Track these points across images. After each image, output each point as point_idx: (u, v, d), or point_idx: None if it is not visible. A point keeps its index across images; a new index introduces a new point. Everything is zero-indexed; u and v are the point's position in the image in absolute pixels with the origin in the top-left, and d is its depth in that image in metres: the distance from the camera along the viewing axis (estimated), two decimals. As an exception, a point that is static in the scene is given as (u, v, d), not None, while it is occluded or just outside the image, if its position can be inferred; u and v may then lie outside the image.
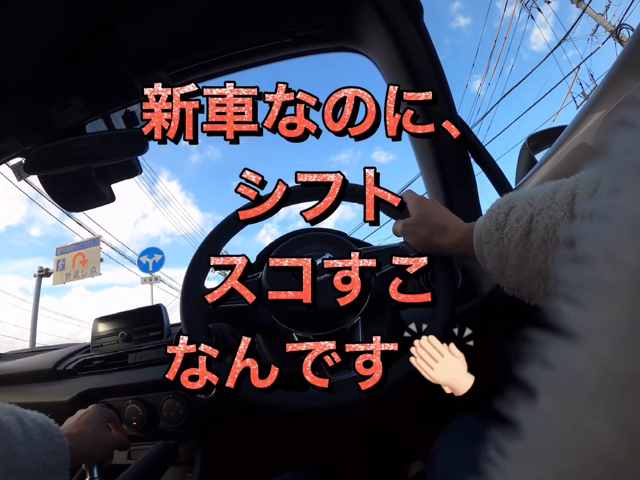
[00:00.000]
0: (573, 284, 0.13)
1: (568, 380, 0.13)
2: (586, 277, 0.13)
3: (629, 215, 0.13)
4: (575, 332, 0.13)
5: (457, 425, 0.64)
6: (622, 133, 0.14)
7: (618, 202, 0.14)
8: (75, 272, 8.05)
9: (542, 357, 0.14)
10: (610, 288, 0.13)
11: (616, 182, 0.14)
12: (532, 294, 0.44)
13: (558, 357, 0.13)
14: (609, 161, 0.15)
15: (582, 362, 0.13)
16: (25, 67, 0.65)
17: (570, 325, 0.13)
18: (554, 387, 0.13)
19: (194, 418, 0.84)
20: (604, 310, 0.13)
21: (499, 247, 0.45)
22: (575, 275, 0.14)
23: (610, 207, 0.14)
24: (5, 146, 0.76)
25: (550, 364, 0.13)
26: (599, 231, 0.13)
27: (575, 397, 0.13)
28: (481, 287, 0.80)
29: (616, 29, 8.23)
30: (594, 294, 0.13)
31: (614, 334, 0.12)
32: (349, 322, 0.61)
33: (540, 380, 0.14)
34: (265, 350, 0.71)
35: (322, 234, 0.70)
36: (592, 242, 0.14)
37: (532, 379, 0.14)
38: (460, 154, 0.85)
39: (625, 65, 0.48)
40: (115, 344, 0.96)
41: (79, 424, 0.61)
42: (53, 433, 0.52)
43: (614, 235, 0.13)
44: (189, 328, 0.59)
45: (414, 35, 0.73)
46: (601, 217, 0.14)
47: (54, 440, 0.51)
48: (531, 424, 0.14)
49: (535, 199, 0.44)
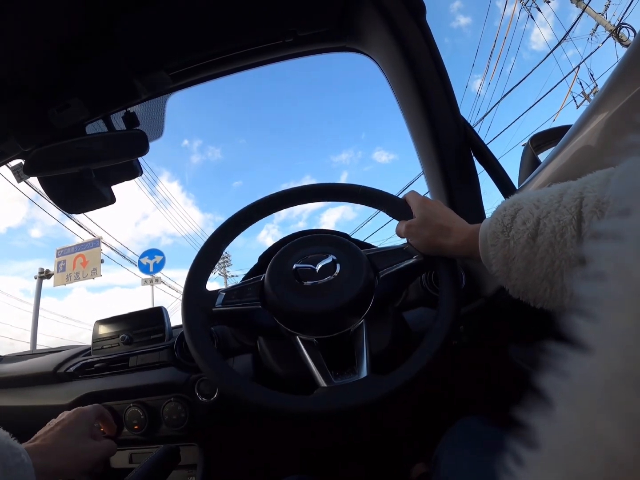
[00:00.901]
0: (587, 299, 0.14)
1: (581, 388, 0.14)
2: (599, 292, 0.14)
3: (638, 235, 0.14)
4: (589, 344, 0.14)
5: (461, 427, 0.63)
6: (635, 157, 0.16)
7: (629, 223, 0.14)
8: (76, 273, 8.06)
9: (557, 368, 0.14)
10: (621, 301, 0.13)
11: (627, 203, 0.15)
12: (538, 298, 0.44)
13: (573, 367, 0.14)
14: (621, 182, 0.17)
15: (595, 369, 0.13)
16: (24, 68, 0.65)
17: (585, 337, 0.14)
18: (568, 396, 0.14)
19: (196, 421, 0.84)
20: (616, 321, 0.13)
21: (505, 249, 0.45)
22: (589, 291, 0.14)
23: (621, 227, 0.15)
24: (5, 148, 0.76)
25: (566, 374, 0.14)
26: (611, 249, 0.14)
27: (588, 403, 0.13)
28: (485, 289, 0.80)
29: (616, 29, 8.24)
30: (606, 308, 0.14)
31: (625, 342, 0.13)
32: (353, 325, 0.60)
33: (556, 389, 0.14)
34: (268, 353, 0.70)
35: (324, 236, 0.69)
36: (604, 259, 0.15)
37: (547, 389, 0.14)
38: (463, 154, 0.84)
39: (631, 65, 0.48)
40: (116, 346, 0.95)
41: (54, 435, 0.54)
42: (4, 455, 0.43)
43: (624, 253, 0.14)
44: (190, 331, 0.58)
45: (416, 35, 0.72)
46: (613, 236, 0.15)
47: (6, 464, 0.43)
48: (547, 432, 0.14)
49: (542, 202, 0.43)
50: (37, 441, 0.53)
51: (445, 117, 0.80)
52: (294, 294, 0.61)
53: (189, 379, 0.84)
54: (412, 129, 0.88)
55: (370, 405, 0.50)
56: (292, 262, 0.64)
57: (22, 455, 0.45)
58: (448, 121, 0.81)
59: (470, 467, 0.52)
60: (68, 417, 0.59)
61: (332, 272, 0.62)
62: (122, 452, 0.90)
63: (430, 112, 0.79)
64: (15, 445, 0.45)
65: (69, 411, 0.61)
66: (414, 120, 0.85)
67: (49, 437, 0.54)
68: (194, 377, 0.84)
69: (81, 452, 0.55)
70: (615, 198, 0.33)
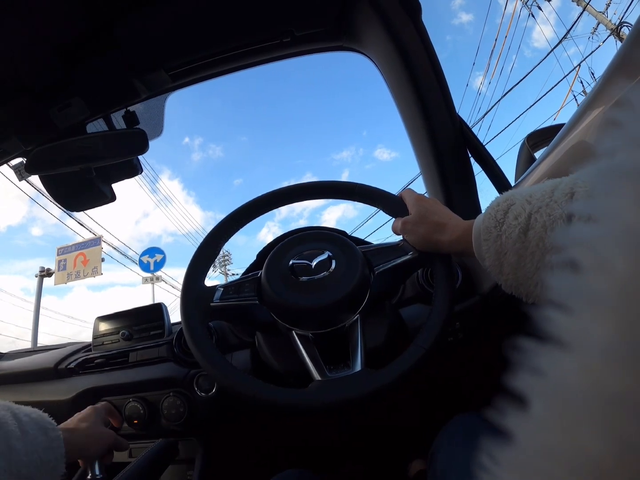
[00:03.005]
0: (562, 291, 0.13)
1: (559, 389, 0.13)
2: (575, 284, 0.13)
3: (619, 220, 0.12)
4: (565, 341, 0.13)
5: (456, 423, 0.64)
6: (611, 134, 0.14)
7: (607, 206, 0.13)
8: (77, 272, 8.07)
9: (533, 365, 0.13)
10: (600, 297, 0.12)
11: (606, 186, 0.14)
12: (530, 292, 0.44)
13: (549, 365, 0.13)
14: (598, 163, 0.14)
15: (573, 372, 0.13)
16: (25, 68, 0.65)
17: (560, 333, 0.13)
18: (545, 395, 0.13)
19: (195, 416, 0.85)
20: (594, 320, 0.12)
21: (497, 244, 0.46)
22: (564, 282, 0.13)
23: (599, 210, 0.13)
24: (7, 146, 0.77)
25: (541, 372, 0.13)
26: (589, 236, 0.13)
27: (566, 407, 0.13)
28: (480, 285, 0.80)
29: (617, 27, 8.22)
30: (584, 303, 0.13)
31: (604, 346, 0.12)
32: (348, 320, 0.61)
33: (532, 388, 0.14)
34: (265, 349, 0.71)
35: (321, 232, 0.70)
36: (582, 247, 0.13)
37: (523, 387, 0.14)
38: (459, 153, 0.85)
39: (622, 64, 0.49)
40: (116, 342, 0.96)
41: (73, 421, 0.64)
42: (47, 427, 0.53)
43: (604, 241, 0.13)
44: (188, 325, 0.59)
45: (413, 34, 0.73)
46: (591, 219, 0.13)
47: (48, 434, 0.52)
48: (523, 432, 0.14)
49: (534, 197, 0.44)
50: (61, 426, 0.60)
51: (441, 116, 0.81)
52: (290, 289, 0.61)
53: (188, 374, 0.85)
54: (408, 127, 0.89)
55: (363, 398, 0.51)
56: (288, 258, 0.65)
57: (58, 431, 0.54)
58: (444, 120, 0.81)
59: (465, 463, 0.53)
60: (84, 411, 0.67)
61: (328, 268, 0.63)
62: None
63: (426, 110, 0.79)
64: (53, 422, 0.55)
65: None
66: (410, 119, 0.86)
67: (70, 423, 0.64)
68: (192, 373, 0.85)
69: (99, 434, 0.64)
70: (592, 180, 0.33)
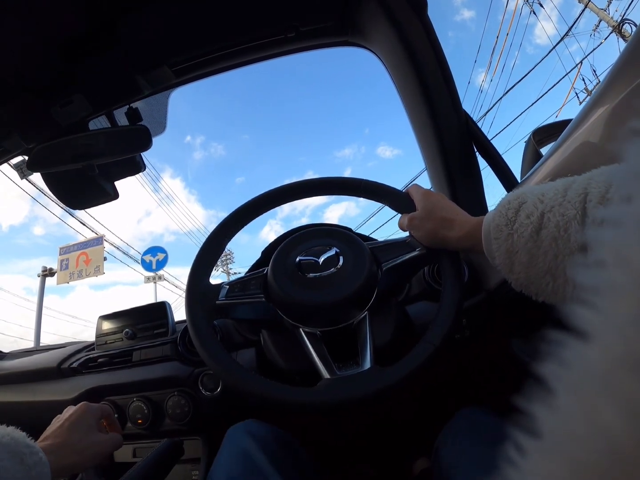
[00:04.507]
0: (587, 287, 0.14)
1: (582, 376, 0.14)
2: (599, 280, 0.14)
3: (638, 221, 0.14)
4: (589, 332, 0.14)
5: (461, 418, 0.63)
6: (636, 142, 0.15)
7: (630, 209, 0.14)
8: (79, 271, 8.08)
9: (558, 356, 0.14)
10: (621, 289, 0.13)
11: (628, 189, 0.15)
12: (541, 291, 0.44)
13: (573, 355, 0.14)
14: (622, 168, 0.16)
15: (594, 357, 0.13)
16: (27, 65, 0.65)
17: (585, 325, 0.14)
18: (569, 384, 0.14)
19: (200, 415, 0.84)
20: (615, 309, 0.13)
21: (509, 243, 0.45)
22: (589, 279, 0.14)
23: (622, 213, 0.14)
24: (8, 144, 0.76)
25: (566, 362, 0.14)
26: (611, 237, 0.14)
27: (588, 391, 0.13)
28: (487, 282, 0.80)
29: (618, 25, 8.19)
30: (606, 296, 0.14)
31: (624, 329, 0.13)
32: (356, 317, 0.60)
33: (557, 378, 0.14)
34: (271, 347, 0.71)
35: (327, 229, 0.69)
36: (604, 247, 0.14)
37: (548, 377, 0.14)
38: (465, 148, 0.84)
39: (631, 59, 0.48)
40: (119, 341, 0.96)
41: (63, 431, 0.55)
42: (22, 452, 0.44)
43: (624, 241, 0.14)
44: (194, 325, 0.59)
45: (418, 30, 0.72)
46: (614, 223, 0.14)
47: (25, 461, 0.44)
48: (548, 420, 0.14)
49: (546, 196, 0.43)
50: (48, 440, 0.53)
51: (447, 111, 0.80)
52: (297, 286, 0.61)
53: (192, 373, 0.85)
54: (414, 123, 0.88)
55: (375, 396, 0.50)
56: (295, 254, 0.64)
57: (39, 454, 0.46)
58: (450, 115, 0.80)
59: (470, 457, 0.52)
60: (75, 412, 0.59)
61: (336, 264, 0.62)
62: (125, 446, 0.90)
63: (432, 106, 0.79)
64: (32, 444, 0.47)
65: (74, 406, 0.61)
66: (416, 115, 0.85)
67: (59, 434, 0.55)
68: (197, 371, 0.84)
69: (91, 445, 0.56)
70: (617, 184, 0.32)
